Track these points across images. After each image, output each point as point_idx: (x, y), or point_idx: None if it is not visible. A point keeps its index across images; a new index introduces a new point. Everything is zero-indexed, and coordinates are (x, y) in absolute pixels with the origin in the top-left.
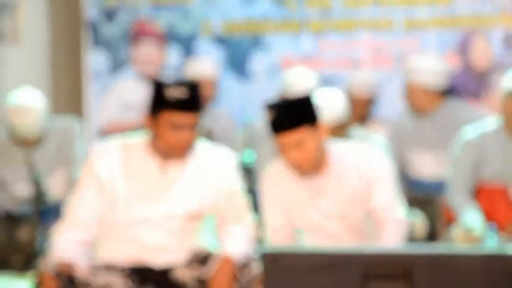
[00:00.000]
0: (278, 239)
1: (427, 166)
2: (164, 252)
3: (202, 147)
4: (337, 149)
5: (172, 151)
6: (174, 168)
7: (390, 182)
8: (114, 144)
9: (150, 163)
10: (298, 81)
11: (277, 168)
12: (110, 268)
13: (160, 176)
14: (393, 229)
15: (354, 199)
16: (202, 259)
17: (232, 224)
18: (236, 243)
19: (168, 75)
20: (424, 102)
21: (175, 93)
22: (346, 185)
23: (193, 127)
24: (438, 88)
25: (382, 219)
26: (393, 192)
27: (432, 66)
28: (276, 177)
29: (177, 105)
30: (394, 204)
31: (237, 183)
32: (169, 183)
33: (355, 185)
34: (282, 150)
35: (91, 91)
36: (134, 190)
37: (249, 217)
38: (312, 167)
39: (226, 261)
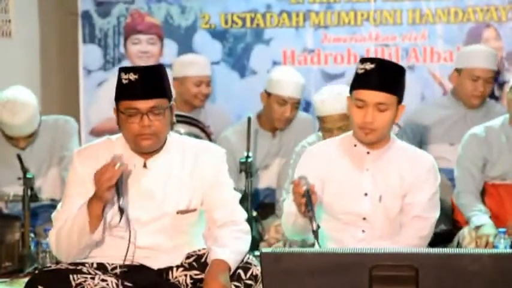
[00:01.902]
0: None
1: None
2: (158, 250)
3: (189, 142)
4: (397, 141)
5: (135, 142)
6: (158, 163)
7: (433, 189)
8: (96, 145)
9: (133, 160)
10: (284, 79)
11: (321, 146)
12: (105, 269)
13: (145, 173)
14: (417, 224)
15: (396, 187)
16: (198, 259)
17: (223, 227)
18: (229, 248)
19: None
20: (474, 87)
21: (126, 79)
22: (394, 172)
23: (152, 113)
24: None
25: (411, 215)
26: (432, 199)
27: (485, 50)
28: (317, 155)
29: (128, 91)
30: (429, 206)
31: (225, 178)
32: (155, 179)
33: (402, 178)
34: (361, 108)
35: (84, 87)
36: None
37: (239, 213)
38: (377, 136)
39: (218, 266)
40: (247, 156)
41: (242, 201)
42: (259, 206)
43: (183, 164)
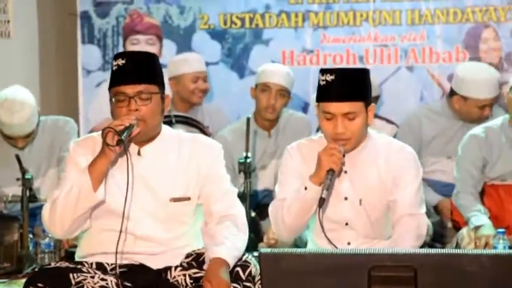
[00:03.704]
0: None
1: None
2: (155, 242)
3: (185, 135)
4: (373, 137)
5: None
6: (153, 151)
7: (416, 183)
8: (93, 136)
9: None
10: (266, 68)
11: (304, 146)
12: (104, 269)
13: (139, 160)
14: (411, 223)
15: (376, 187)
16: (197, 258)
17: (221, 222)
18: (225, 245)
19: None
20: (480, 114)
21: (116, 65)
22: (372, 171)
23: (139, 98)
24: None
25: (401, 213)
26: (417, 194)
27: (490, 79)
28: (300, 153)
29: (117, 77)
30: (416, 202)
31: (223, 171)
32: (149, 166)
33: (381, 175)
34: (330, 120)
35: (83, 88)
36: (114, 178)
37: (237, 207)
38: (353, 144)
39: (217, 264)
40: (246, 157)
41: (240, 202)
42: (257, 207)
43: (179, 153)
